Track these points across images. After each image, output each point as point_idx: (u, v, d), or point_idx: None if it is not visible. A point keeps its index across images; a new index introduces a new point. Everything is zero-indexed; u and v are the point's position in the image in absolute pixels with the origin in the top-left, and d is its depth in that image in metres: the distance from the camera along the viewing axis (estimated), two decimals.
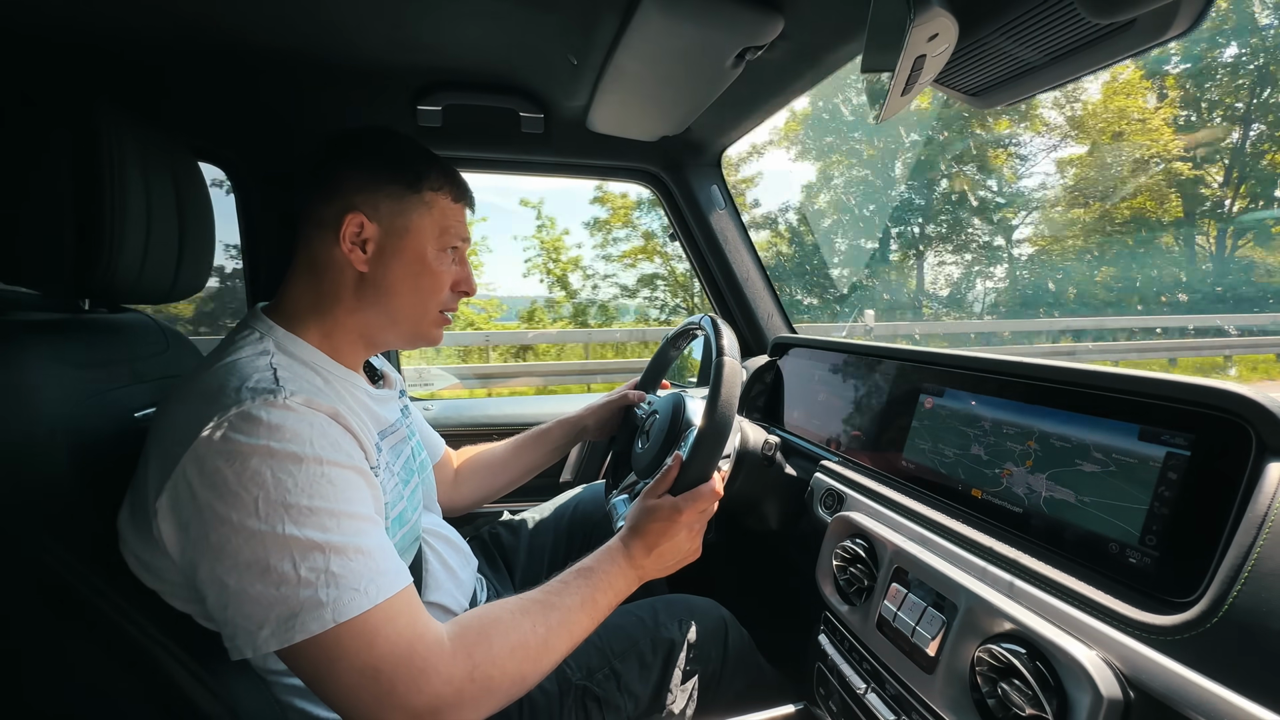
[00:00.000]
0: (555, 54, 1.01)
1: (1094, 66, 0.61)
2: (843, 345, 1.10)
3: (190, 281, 0.84)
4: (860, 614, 0.74)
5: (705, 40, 0.85)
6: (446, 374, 2.37)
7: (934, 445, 0.79)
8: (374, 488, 0.64)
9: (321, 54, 1.00)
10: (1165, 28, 0.52)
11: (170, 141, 0.79)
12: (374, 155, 0.73)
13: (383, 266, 0.72)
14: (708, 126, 1.29)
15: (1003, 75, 0.67)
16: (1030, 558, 0.60)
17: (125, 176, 0.70)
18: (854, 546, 0.77)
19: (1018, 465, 0.66)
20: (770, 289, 1.54)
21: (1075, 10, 0.54)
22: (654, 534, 0.75)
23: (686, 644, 0.88)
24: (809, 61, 0.95)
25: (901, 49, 0.55)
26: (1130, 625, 0.49)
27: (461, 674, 0.57)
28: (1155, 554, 0.52)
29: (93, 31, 0.89)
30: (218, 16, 0.87)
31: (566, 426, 1.15)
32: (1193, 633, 0.46)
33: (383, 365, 0.91)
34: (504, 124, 1.25)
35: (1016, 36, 0.59)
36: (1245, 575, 0.44)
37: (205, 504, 0.53)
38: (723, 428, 0.76)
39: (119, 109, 0.70)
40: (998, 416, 0.70)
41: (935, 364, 0.84)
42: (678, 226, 1.58)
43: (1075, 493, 0.59)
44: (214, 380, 0.59)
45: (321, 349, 0.72)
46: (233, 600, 0.53)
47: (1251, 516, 0.46)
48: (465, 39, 0.97)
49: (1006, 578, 0.60)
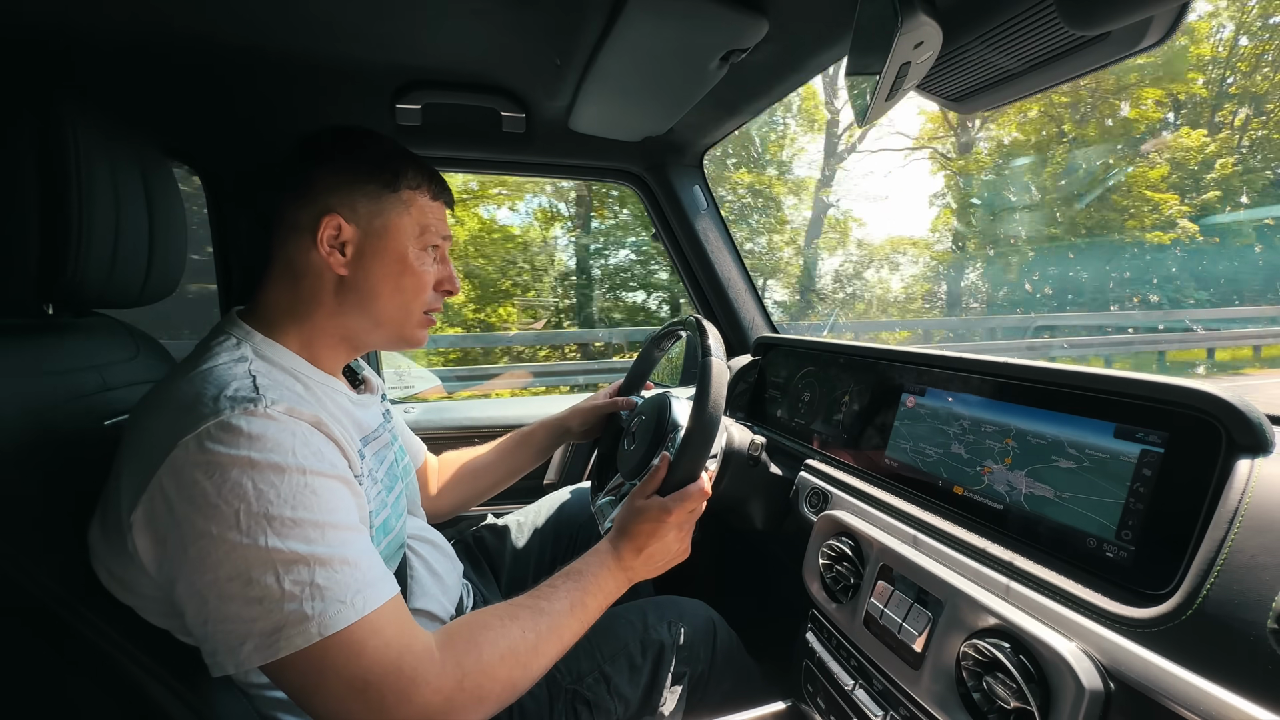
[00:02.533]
0: (538, 53, 1.00)
1: (1070, 75, 0.62)
2: (825, 345, 1.11)
3: (160, 285, 0.81)
4: (847, 611, 0.75)
5: (690, 42, 0.85)
6: (429, 375, 2.33)
7: (916, 444, 0.80)
8: (358, 496, 0.63)
9: (297, 51, 0.97)
10: (1139, 39, 0.54)
11: (140, 140, 0.77)
12: (349, 155, 0.71)
13: (363, 269, 0.71)
14: (690, 127, 1.29)
15: (983, 82, 0.69)
16: (1012, 553, 0.61)
17: (93, 177, 0.67)
18: (840, 545, 0.78)
19: (997, 463, 0.68)
20: (752, 288, 1.56)
21: (1054, 21, 0.55)
22: (643, 535, 0.75)
23: (675, 645, 0.88)
24: (793, 64, 0.96)
25: (887, 56, 0.56)
26: (1109, 618, 0.51)
27: (451, 683, 0.57)
28: (1131, 548, 0.54)
29: (58, 27, 0.85)
30: (190, 12, 0.84)
31: (550, 428, 1.15)
32: (1169, 625, 0.47)
33: (362, 369, 0.89)
34: (485, 123, 1.23)
35: (997, 45, 0.61)
36: (1218, 569, 0.46)
37: (183, 517, 0.52)
38: (710, 427, 0.76)
39: (85, 103, 0.68)
40: (977, 415, 0.72)
41: (917, 363, 0.86)
42: (660, 227, 1.58)
43: (1054, 489, 0.61)
44: (190, 388, 0.57)
45: (301, 354, 0.70)
46: (214, 615, 0.52)
47: (1223, 512, 0.48)
48: (447, 37, 0.96)
49: (990, 573, 0.61)
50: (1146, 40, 0.54)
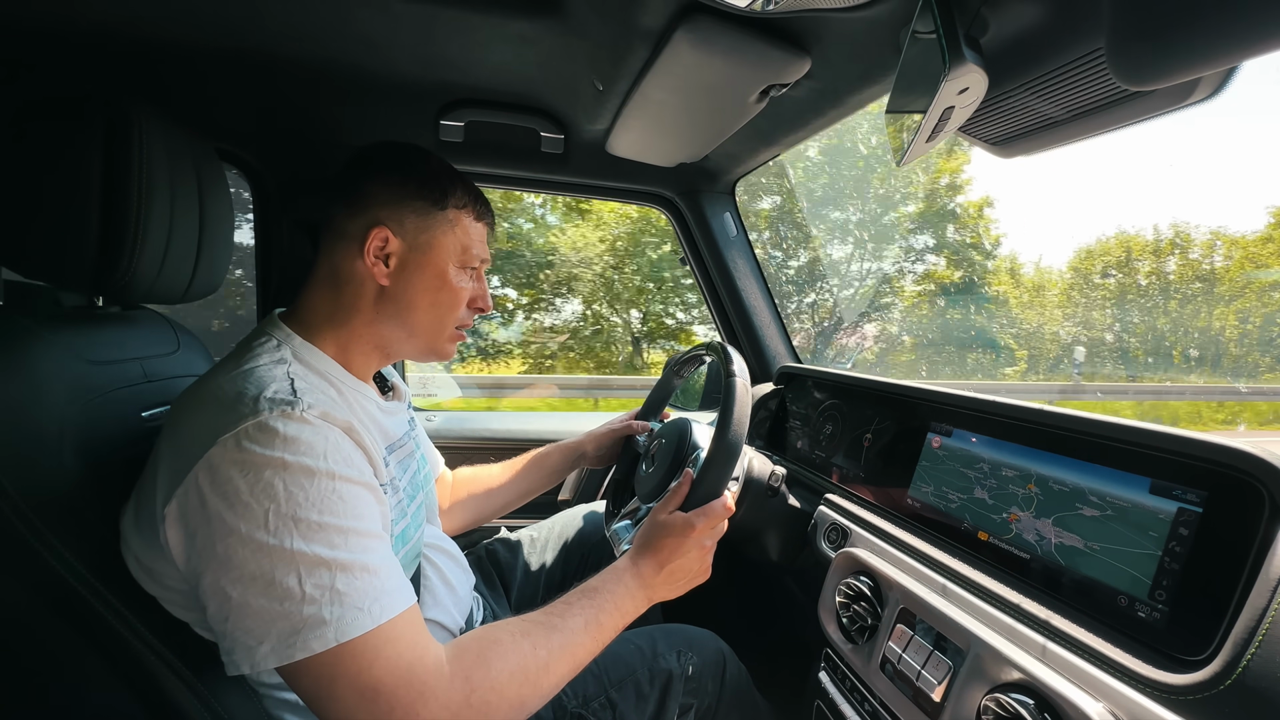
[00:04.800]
0: (581, 78, 1.02)
1: (1115, 125, 0.62)
2: (849, 378, 1.10)
3: (205, 284, 0.84)
4: (863, 653, 0.74)
5: (732, 75, 0.87)
6: (452, 383, 2.34)
7: (939, 486, 0.79)
8: (382, 504, 0.63)
9: (351, 67, 1.01)
10: (1188, 94, 0.53)
11: (198, 143, 0.80)
12: (401, 171, 0.73)
13: (404, 281, 0.73)
14: (725, 155, 1.30)
15: (1025, 128, 0.69)
16: (1038, 605, 0.60)
17: (154, 176, 0.70)
18: (858, 584, 0.76)
19: (1024, 510, 0.66)
20: (778, 318, 1.56)
21: (1102, 72, 0.55)
22: (666, 550, 0.75)
23: (685, 676, 0.87)
24: (831, 100, 0.97)
25: (931, 100, 0.57)
26: (1140, 681, 0.49)
27: (459, 698, 0.56)
28: (1165, 609, 0.52)
29: (130, 32, 0.90)
30: (253, 24, 0.89)
31: (565, 452, 1.15)
32: (1205, 693, 0.46)
33: (392, 376, 0.90)
34: (524, 142, 1.26)
35: (1043, 92, 0.61)
36: (1260, 638, 0.44)
37: (215, 513, 0.53)
38: (735, 444, 0.76)
39: (153, 108, 0.71)
40: (1005, 459, 0.71)
41: (944, 403, 0.84)
42: (689, 251, 1.59)
43: (1083, 539, 0.60)
44: (232, 387, 0.59)
45: (337, 359, 0.72)
46: (235, 613, 0.52)
47: (1266, 579, 0.46)
48: (494, 60, 0.99)
49: (1015, 625, 0.60)
50: (1195, 95, 0.54)
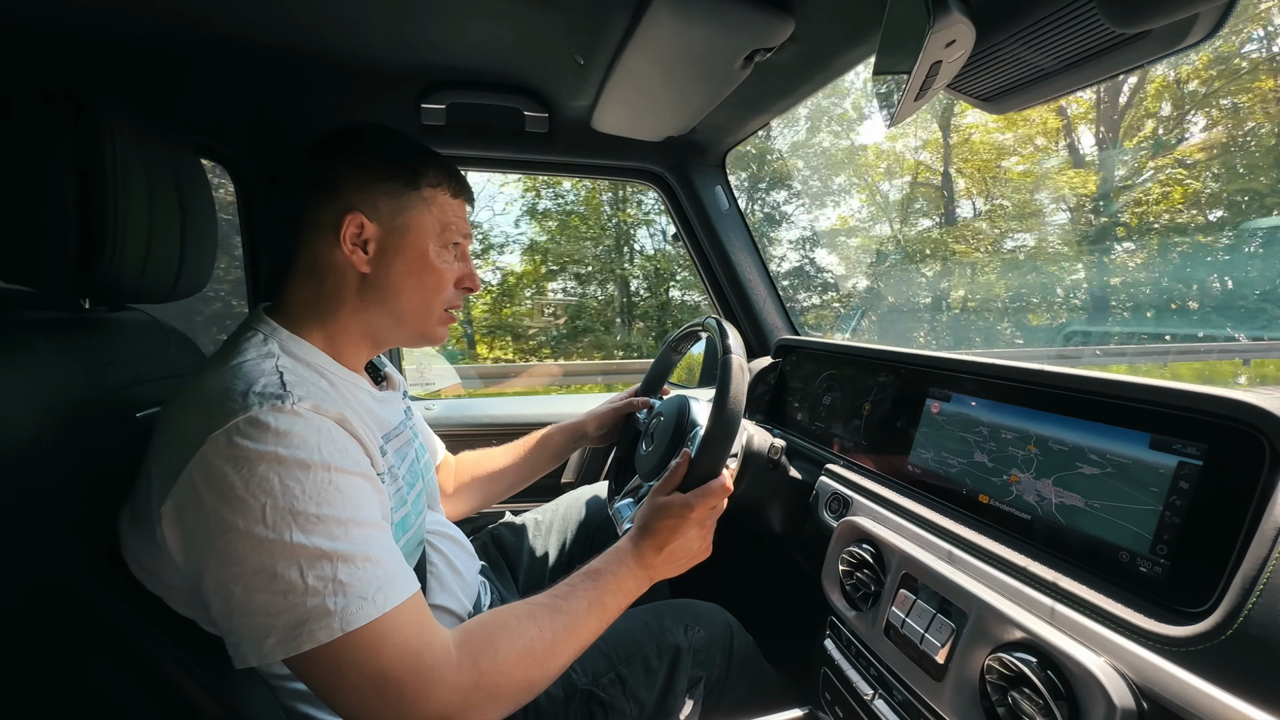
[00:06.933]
0: (562, 53, 1.00)
1: (1108, 73, 0.60)
2: (847, 348, 1.10)
3: (192, 280, 0.83)
4: (867, 620, 0.74)
5: (715, 41, 0.85)
6: (450, 371, 2.34)
7: (939, 451, 0.79)
8: (380, 493, 0.63)
9: (326, 52, 0.99)
10: (1182, 36, 0.52)
11: (173, 138, 0.78)
12: (370, 153, 0.72)
13: (385, 266, 0.71)
14: (713, 127, 1.28)
15: (1016, 81, 0.67)
16: (1039, 565, 0.60)
17: (128, 174, 0.69)
18: (860, 552, 0.77)
19: (1024, 471, 0.66)
20: (774, 290, 1.54)
21: (1093, 18, 0.54)
22: (665, 531, 0.75)
23: (692, 649, 0.87)
24: (818, 64, 0.95)
25: (917, 55, 0.55)
26: (1142, 635, 0.49)
27: (468, 682, 0.57)
28: (1166, 563, 0.52)
29: (94, 27, 0.88)
30: (222, 13, 0.86)
31: (566, 433, 1.15)
32: (1207, 644, 0.46)
33: (385, 365, 0.90)
34: (508, 123, 1.24)
35: (1033, 42, 0.59)
36: (1261, 587, 0.44)
37: (211, 510, 0.53)
38: (732, 422, 0.76)
39: (122, 105, 0.69)
40: (1003, 422, 0.70)
41: (940, 368, 0.84)
42: (681, 227, 1.57)
43: (1083, 498, 0.59)
44: (220, 384, 0.58)
45: (326, 351, 0.71)
46: (238, 608, 0.53)
47: (1266, 529, 0.46)
48: (471, 38, 0.97)
49: (1016, 585, 0.60)
50: (1190, 38, 0.52)
